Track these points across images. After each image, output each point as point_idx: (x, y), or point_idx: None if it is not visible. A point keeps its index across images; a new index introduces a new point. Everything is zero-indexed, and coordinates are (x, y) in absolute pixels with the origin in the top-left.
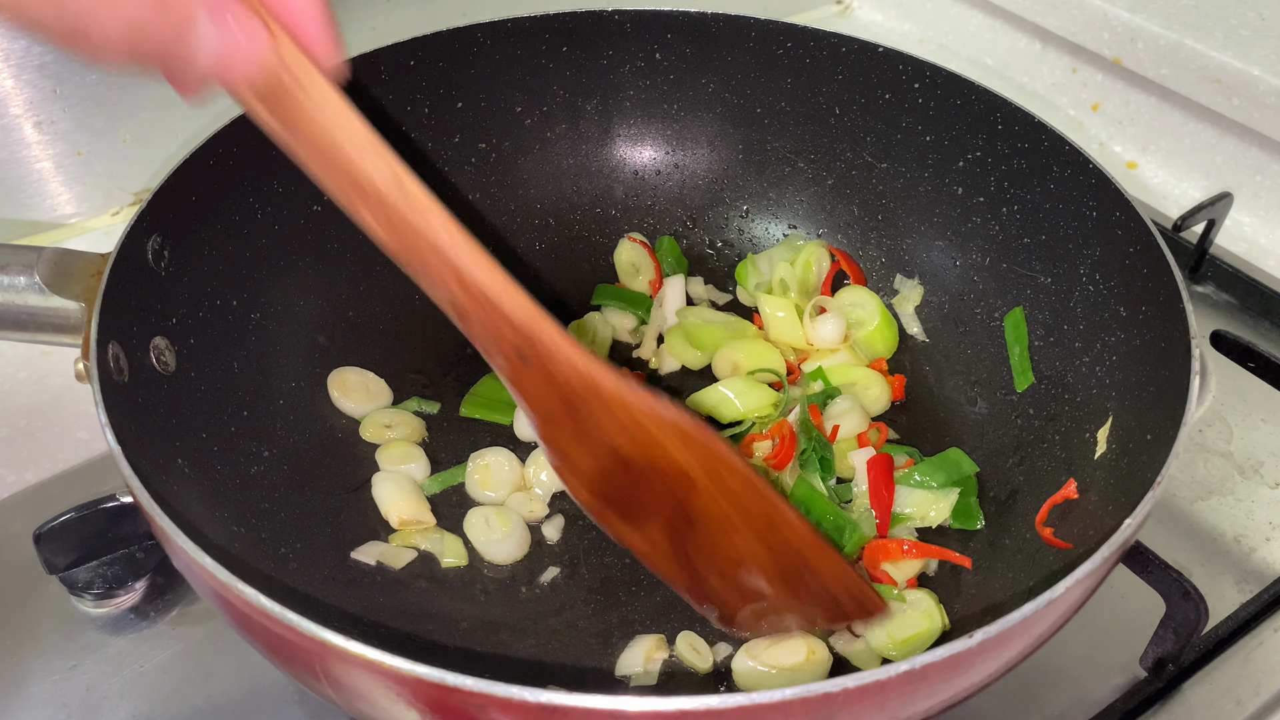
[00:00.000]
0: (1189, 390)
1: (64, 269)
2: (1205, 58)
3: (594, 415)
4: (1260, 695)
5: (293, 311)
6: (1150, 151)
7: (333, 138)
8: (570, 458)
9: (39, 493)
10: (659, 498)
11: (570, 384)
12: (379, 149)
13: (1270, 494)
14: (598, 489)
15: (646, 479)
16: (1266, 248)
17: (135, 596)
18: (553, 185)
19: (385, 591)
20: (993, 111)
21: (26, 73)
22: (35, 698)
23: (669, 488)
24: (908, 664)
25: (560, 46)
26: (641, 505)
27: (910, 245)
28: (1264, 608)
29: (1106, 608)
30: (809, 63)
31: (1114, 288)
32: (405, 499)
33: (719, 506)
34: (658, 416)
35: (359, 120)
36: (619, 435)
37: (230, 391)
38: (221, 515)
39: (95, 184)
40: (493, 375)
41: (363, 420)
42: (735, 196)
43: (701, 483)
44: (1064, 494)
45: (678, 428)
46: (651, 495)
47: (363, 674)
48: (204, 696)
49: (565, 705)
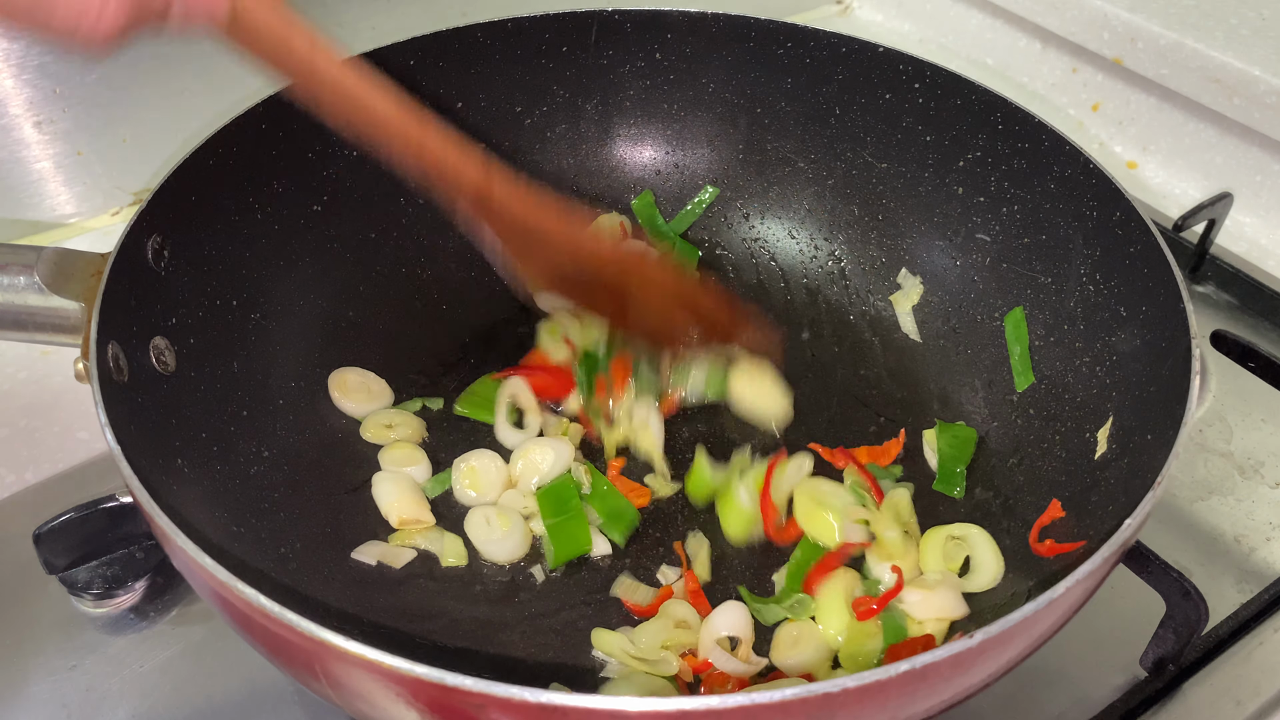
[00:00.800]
0: (1189, 390)
1: (64, 269)
2: (1205, 58)
3: (544, 242)
4: (1260, 695)
5: (293, 311)
6: (1150, 151)
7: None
8: (536, 266)
9: (39, 493)
10: (607, 290)
11: (523, 222)
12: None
13: (1270, 494)
14: (559, 285)
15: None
16: (1266, 248)
17: (135, 596)
18: (553, 185)
19: (385, 591)
20: (993, 111)
21: (26, 73)
22: (35, 698)
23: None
24: (908, 664)
25: (560, 46)
26: (595, 293)
27: (910, 245)
28: (1264, 608)
29: (1106, 608)
30: (809, 63)
31: (1114, 288)
32: (405, 499)
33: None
34: (598, 251)
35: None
36: (566, 258)
37: (230, 391)
38: (221, 515)
39: (95, 184)
40: (487, 376)
41: (364, 420)
42: (735, 196)
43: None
44: (1050, 515)
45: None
46: (601, 289)
47: (363, 674)
48: (204, 696)
49: (565, 705)
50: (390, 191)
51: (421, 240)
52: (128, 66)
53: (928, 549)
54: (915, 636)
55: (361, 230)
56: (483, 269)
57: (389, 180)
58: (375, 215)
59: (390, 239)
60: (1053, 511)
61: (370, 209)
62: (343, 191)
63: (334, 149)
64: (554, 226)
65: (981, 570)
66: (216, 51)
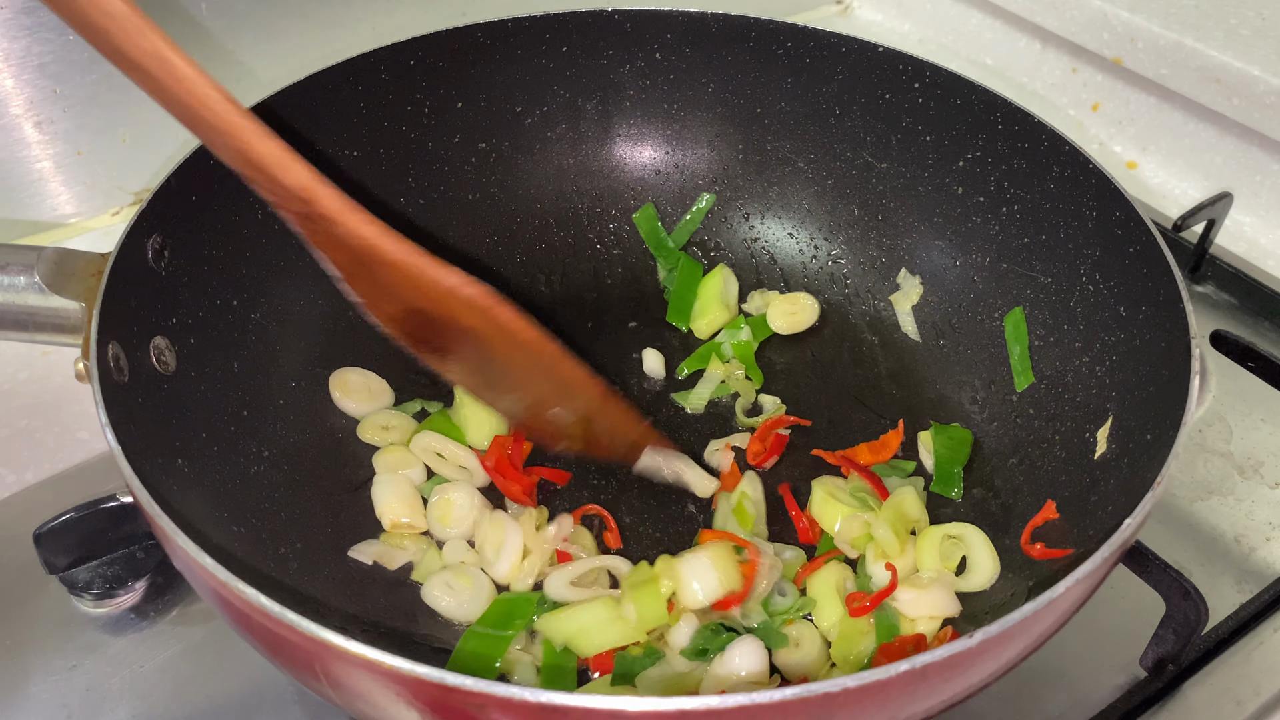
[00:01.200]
0: (1189, 390)
1: (64, 269)
2: (1205, 58)
3: (384, 274)
4: (1260, 695)
5: (293, 311)
6: (1150, 151)
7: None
8: (375, 302)
9: (39, 493)
10: (459, 342)
11: (356, 247)
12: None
13: (1270, 494)
14: (404, 329)
15: (444, 327)
16: (1266, 248)
17: (135, 596)
18: (553, 185)
19: (385, 591)
20: (993, 111)
21: (26, 73)
22: (35, 698)
23: (464, 337)
24: (908, 664)
25: (560, 46)
26: (445, 345)
27: (910, 245)
28: (1264, 608)
29: (1106, 608)
30: (809, 63)
31: (1114, 288)
32: (400, 501)
33: (512, 357)
34: (439, 284)
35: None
36: (410, 293)
37: (230, 391)
38: (221, 515)
39: (95, 184)
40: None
41: (361, 421)
42: (735, 196)
43: (492, 338)
44: (1044, 515)
45: (461, 295)
46: (452, 339)
47: (363, 674)
48: (204, 696)
49: (565, 705)
50: (390, 191)
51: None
52: None
53: (924, 548)
54: (907, 635)
55: None
56: (482, 269)
57: (389, 181)
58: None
59: None
60: (1047, 513)
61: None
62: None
63: (334, 149)
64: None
65: (977, 570)
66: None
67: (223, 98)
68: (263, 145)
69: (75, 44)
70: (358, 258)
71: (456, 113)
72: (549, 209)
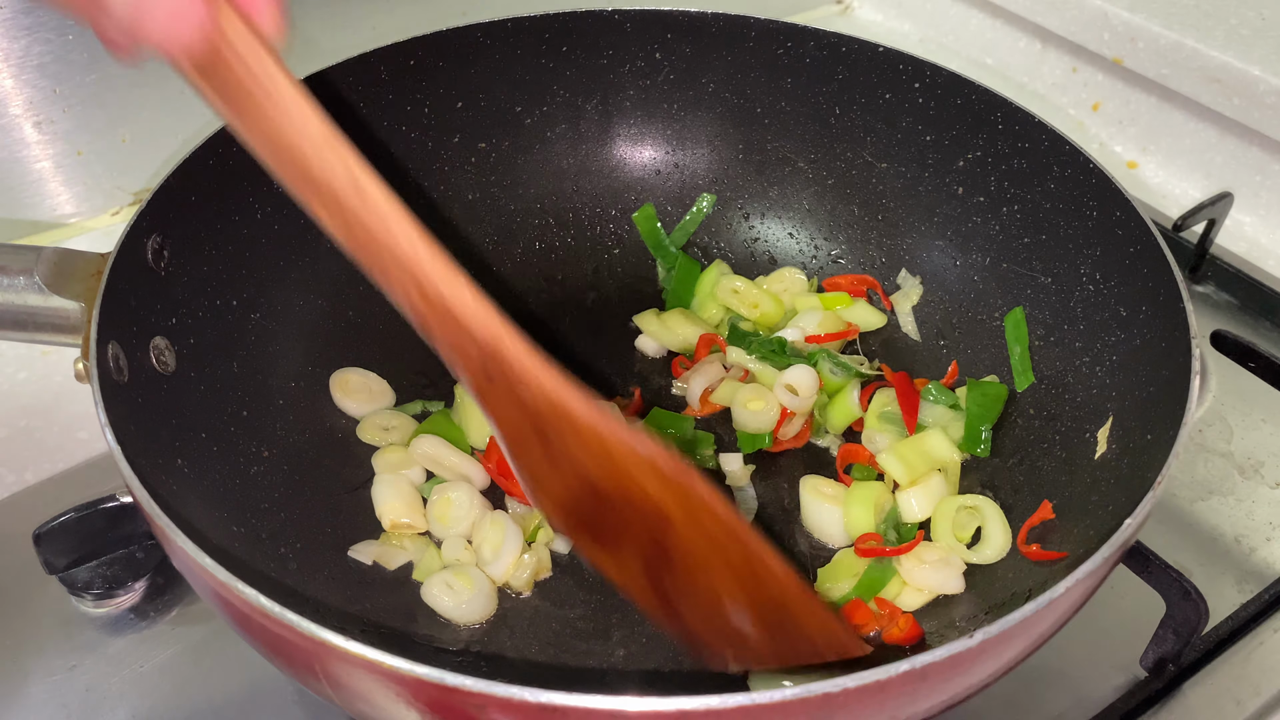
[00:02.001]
0: (1189, 390)
1: (64, 269)
2: (1205, 58)
3: (565, 441)
4: (1260, 695)
5: (293, 311)
6: (1150, 151)
7: (282, 127)
8: (541, 480)
9: (39, 493)
10: (634, 530)
11: (539, 408)
12: (334, 145)
13: (1270, 494)
14: (571, 514)
15: (621, 511)
16: (1267, 248)
17: (135, 596)
18: (553, 185)
19: (385, 591)
20: (993, 111)
21: (26, 73)
22: (35, 698)
23: (645, 522)
24: (908, 664)
25: (560, 46)
26: (616, 535)
27: (910, 245)
28: (1264, 608)
29: (1106, 608)
30: (809, 63)
31: (1114, 288)
32: (400, 501)
33: (697, 547)
34: (632, 451)
35: (312, 110)
36: (591, 464)
37: (230, 391)
38: (221, 515)
39: (95, 184)
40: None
41: (361, 421)
42: (735, 196)
43: (678, 522)
44: (1040, 515)
45: (653, 465)
46: (626, 527)
47: (363, 674)
48: (204, 696)
49: (565, 705)
50: None
51: None
52: (128, 66)
53: (938, 519)
54: (883, 601)
55: None
56: (482, 269)
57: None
58: None
59: None
60: (1043, 513)
61: None
62: None
63: None
64: (579, 415)
65: (990, 542)
66: None
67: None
68: (452, 288)
69: (75, 44)
70: (538, 423)
71: (456, 113)
72: (549, 209)
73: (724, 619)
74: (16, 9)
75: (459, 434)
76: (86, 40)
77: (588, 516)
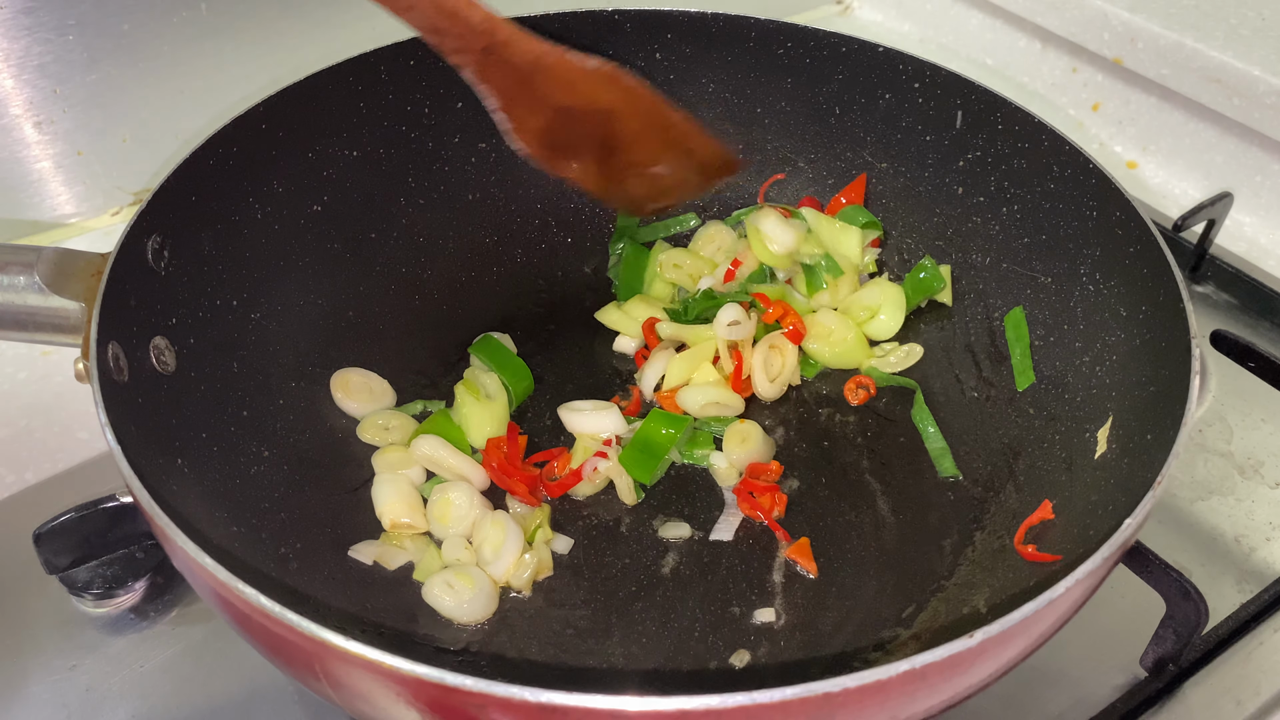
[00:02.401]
0: (1189, 390)
1: (64, 269)
2: (1205, 58)
3: (543, 82)
4: (1260, 695)
5: (293, 311)
6: (1150, 151)
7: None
8: (524, 122)
9: (39, 493)
10: (592, 132)
11: (523, 65)
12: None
13: (1270, 494)
14: (544, 140)
15: (582, 120)
16: (1266, 248)
17: (135, 596)
18: (553, 185)
19: (385, 591)
20: (993, 111)
21: (26, 73)
22: (35, 698)
23: (598, 121)
24: (907, 664)
25: None
26: (578, 144)
27: (910, 245)
28: (1264, 608)
29: (1106, 608)
30: (809, 63)
31: (1114, 288)
32: (400, 501)
33: (634, 125)
34: (587, 71)
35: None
36: (561, 92)
37: (230, 391)
38: (221, 515)
39: (95, 184)
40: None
41: (362, 421)
42: (735, 196)
43: (620, 110)
44: (1040, 515)
45: (601, 74)
46: (586, 132)
47: (363, 674)
48: (204, 696)
49: (565, 705)
50: (390, 191)
51: (421, 240)
52: (128, 66)
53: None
54: None
55: (361, 230)
56: (482, 269)
57: (389, 181)
58: (375, 215)
59: (390, 239)
60: (1042, 513)
61: (370, 209)
62: (343, 191)
63: (334, 149)
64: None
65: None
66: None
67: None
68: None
69: (75, 44)
70: (522, 77)
71: (456, 113)
72: (549, 209)
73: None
74: (17, 9)
75: (459, 434)
76: (86, 40)
77: (557, 137)
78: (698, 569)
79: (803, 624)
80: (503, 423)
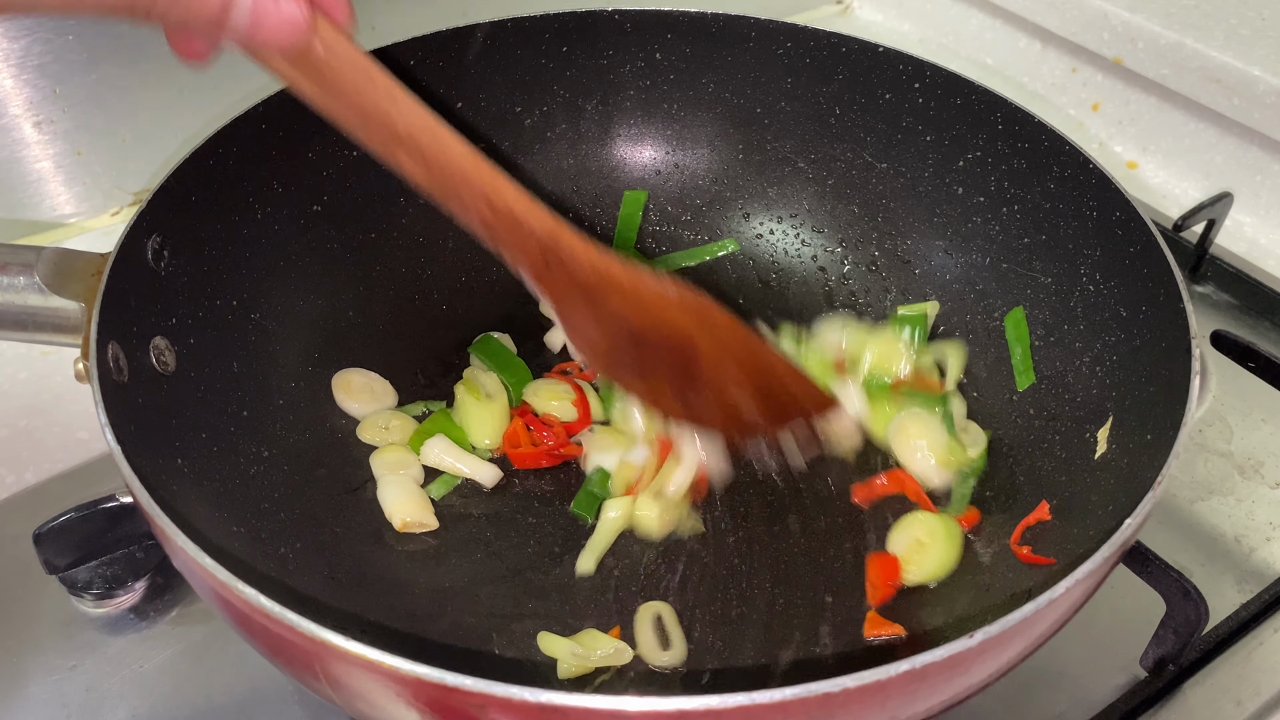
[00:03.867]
0: (1189, 390)
1: (64, 269)
2: (1205, 58)
3: (609, 301)
4: (1260, 695)
5: (293, 311)
6: (1150, 151)
7: (366, 93)
8: (587, 338)
9: (39, 493)
10: (666, 358)
11: (588, 279)
12: (407, 98)
13: (1270, 494)
14: (611, 359)
15: (655, 345)
16: (1266, 248)
17: (135, 596)
18: (553, 185)
19: (385, 591)
20: (993, 111)
21: (26, 73)
22: (35, 698)
23: (675, 348)
24: (907, 664)
25: (560, 46)
26: (651, 366)
27: (910, 245)
28: (1264, 608)
29: (1106, 608)
30: (809, 63)
31: (1114, 288)
32: (410, 502)
33: (715, 357)
34: (664, 295)
35: (391, 78)
36: (631, 314)
37: (230, 391)
38: (221, 515)
39: (95, 184)
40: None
41: (362, 421)
42: (735, 196)
43: (700, 339)
44: (1037, 516)
45: (679, 301)
46: (659, 359)
47: (363, 674)
48: (204, 696)
49: (565, 705)
50: (390, 191)
51: (421, 240)
52: (128, 66)
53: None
54: None
55: (361, 230)
56: (482, 269)
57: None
58: (375, 215)
59: (390, 239)
60: (1039, 514)
61: (370, 209)
62: (343, 191)
63: (334, 149)
64: (621, 277)
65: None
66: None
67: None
68: (510, 193)
69: (75, 44)
70: (587, 291)
71: (456, 113)
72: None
73: (736, 408)
74: None
75: (460, 434)
76: (86, 40)
77: (627, 358)
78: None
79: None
80: (503, 422)
